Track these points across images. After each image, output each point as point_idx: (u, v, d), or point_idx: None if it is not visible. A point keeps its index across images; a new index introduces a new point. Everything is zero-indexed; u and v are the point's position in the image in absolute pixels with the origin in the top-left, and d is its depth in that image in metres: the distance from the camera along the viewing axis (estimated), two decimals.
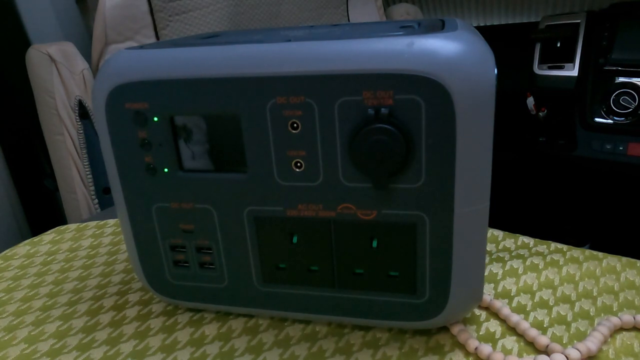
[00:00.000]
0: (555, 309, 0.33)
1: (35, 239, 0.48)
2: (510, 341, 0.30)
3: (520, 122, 1.15)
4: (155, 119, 0.28)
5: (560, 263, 0.38)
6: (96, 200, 0.93)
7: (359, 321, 0.31)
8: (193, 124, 0.28)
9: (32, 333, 0.34)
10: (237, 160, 0.28)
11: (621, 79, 1.00)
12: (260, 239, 0.29)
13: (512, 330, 0.31)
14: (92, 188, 0.92)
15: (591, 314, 0.32)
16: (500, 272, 0.37)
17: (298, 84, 0.25)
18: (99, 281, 0.40)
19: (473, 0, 1.38)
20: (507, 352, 0.30)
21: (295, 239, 0.29)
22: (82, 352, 0.32)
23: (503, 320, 0.32)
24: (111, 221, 0.51)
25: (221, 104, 0.27)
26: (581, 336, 0.31)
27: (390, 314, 0.30)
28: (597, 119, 1.03)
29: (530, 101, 1.11)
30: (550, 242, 0.41)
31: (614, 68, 1.01)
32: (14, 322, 0.35)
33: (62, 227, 0.50)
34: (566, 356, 0.28)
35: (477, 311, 0.33)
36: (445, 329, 0.31)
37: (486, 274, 0.37)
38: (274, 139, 0.27)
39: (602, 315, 0.32)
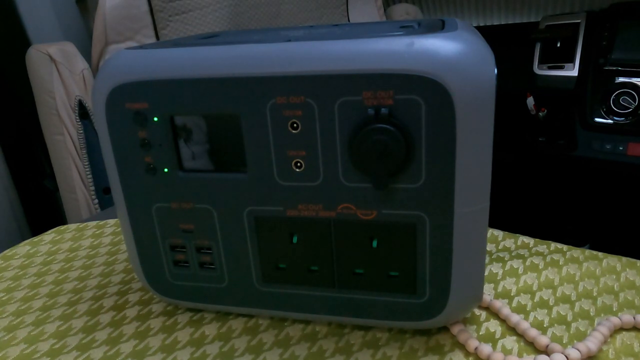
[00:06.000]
0: (555, 309, 0.33)
1: (35, 239, 0.48)
2: (510, 341, 0.30)
3: (520, 122, 1.15)
4: (155, 119, 0.28)
5: (560, 263, 0.38)
6: (96, 200, 0.93)
7: (359, 321, 0.31)
8: (193, 124, 0.28)
9: (32, 333, 0.34)
10: (237, 160, 0.28)
11: (621, 79, 1.00)
12: (260, 239, 0.29)
13: (512, 330, 0.31)
14: (92, 188, 0.92)
15: (591, 314, 0.32)
16: (500, 272, 0.37)
17: (298, 84, 0.25)
18: (99, 281, 0.40)
19: (473, 0, 1.38)
20: (507, 352, 0.30)
21: (295, 239, 0.29)
22: (82, 352, 0.32)
23: (503, 320, 0.32)
24: (111, 221, 0.51)
25: (221, 104, 0.27)
26: (581, 336, 0.31)
27: (390, 314, 0.30)
28: (597, 119, 1.03)
29: (530, 101, 1.11)
30: (550, 242, 0.41)
31: (614, 68, 1.01)
32: (14, 322, 0.35)
33: (62, 227, 0.50)
34: (566, 356, 0.28)
35: (477, 311, 0.33)
36: (445, 329, 0.31)
37: (486, 274, 0.37)
38: (274, 139, 0.27)
39: (602, 315, 0.32)
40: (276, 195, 0.28)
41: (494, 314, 0.33)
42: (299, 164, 0.27)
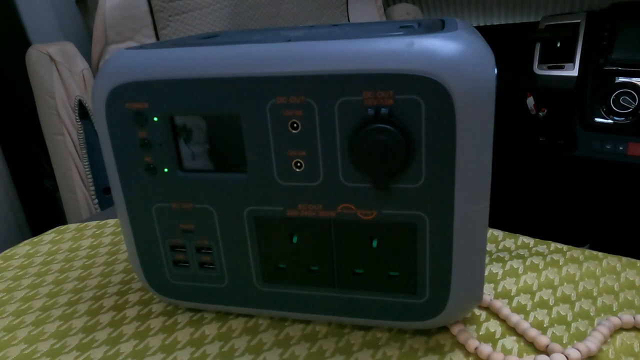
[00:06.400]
0: (555, 309, 0.33)
1: (35, 239, 0.48)
2: (510, 341, 0.30)
3: (520, 122, 1.15)
4: (155, 119, 0.28)
5: (560, 263, 0.38)
6: (96, 200, 0.93)
7: (359, 321, 0.31)
8: (193, 124, 0.28)
9: (32, 333, 0.34)
10: (237, 160, 0.28)
11: (621, 79, 1.00)
12: (260, 239, 0.29)
13: (512, 330, 0.31)
14: (92, 188, 0.92)
15: (591, 314, 0.32)
16: (500, 272, 0.37)
17: (298, 84, 0.25)
18: (99, 281, 0.40)
19: (473, 0, 1.38)
20: (507, 352, 0.30)
21: (295, 239, 0.29)
22: (82, 352, 0.32)
23: (503, 320, 0.32)
24: (111, 221, 0.51)
25: (221, 104, 0.27)
26: (581, 336, 0.31)
27: (390, 314, 0.30)
28: (597, 119, 1.03)
29: (530, 101, 1.11)
30: (550, 242, 0.41)
31: (614, 68, 1.01)
32: (14, 322, 0.35)
33: (62, 227, 0.50)
34: (566, 356, 0.28)
35: (477, 311, 0.33)
36: (445, 329, 0.31)
37: (486, 274, 0.37)
38: (274, 139, 0.27)
39: (602, 315, 0.32)
40: (276, 195, 0.28)
41: (494, 314, 0.33)
42: (299, 164, 0.27)
